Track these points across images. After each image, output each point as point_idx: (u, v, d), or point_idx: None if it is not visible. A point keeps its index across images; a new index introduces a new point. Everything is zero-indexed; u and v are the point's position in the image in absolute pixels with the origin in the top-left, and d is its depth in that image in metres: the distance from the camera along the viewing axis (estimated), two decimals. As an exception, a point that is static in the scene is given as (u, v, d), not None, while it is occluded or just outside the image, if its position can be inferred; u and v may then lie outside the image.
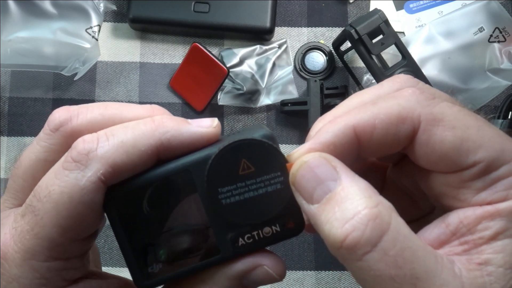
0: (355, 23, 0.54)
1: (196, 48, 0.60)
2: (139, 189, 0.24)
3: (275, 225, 0.24)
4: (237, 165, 0.23)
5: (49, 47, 0.58)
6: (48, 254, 0.23)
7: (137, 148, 0.23)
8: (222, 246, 0.24)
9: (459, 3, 0.63)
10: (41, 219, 0.22)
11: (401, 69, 0.53)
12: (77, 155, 0.23)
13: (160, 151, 0.24)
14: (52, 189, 0.23)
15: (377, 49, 0.54)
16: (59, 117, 0.25)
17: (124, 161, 0.23)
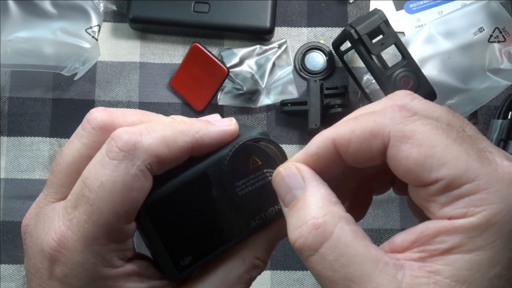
0: (355, 23, 0.54)
1: (196, 48, 0.60)
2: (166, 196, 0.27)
3: (277, 204, 0.29)
4: (248, 161, 0.28)
5: (49, 47, 0.58)
6: (107, 238, 0.25)
7: (176, 143, 0.26)
8: (238, 230, 0.29)
9: (459, 3, 0.63)
10: (97, 208, 0.25)
11: (401, 69, 0.53)
12: (123, 145, 0.25)
13: (194, 147, 0.27)
14: (104, 179, 0.25)
15: (377, 49, 0.54)
16: (100, 116, 0.27)
17: (166, 153, 0.26)
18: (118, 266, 0.26)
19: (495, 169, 0.22)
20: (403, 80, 0.53)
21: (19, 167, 0.61)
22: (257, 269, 0.29)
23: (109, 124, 0.27)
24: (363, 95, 0.60)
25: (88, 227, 0.25)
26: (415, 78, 0.53)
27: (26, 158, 0.61)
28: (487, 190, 0.22)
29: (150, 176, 0.26)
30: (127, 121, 0.27)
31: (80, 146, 0.27)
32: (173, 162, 0.26)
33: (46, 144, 0.61)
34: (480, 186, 0.22)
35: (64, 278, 0.25)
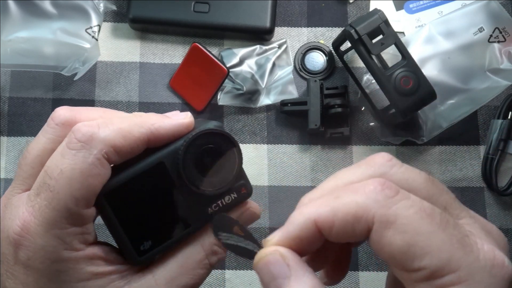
0: (355, 23, 0.54)
1: (196, 48, 0.60)
2: (124, 184, 0.29)
3: (233, 193, 0.31)
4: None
5: (49, 47, 0.58)
6: (67, 222, 0.27)
7: (132, 134, 0.28)
8: (196, 217, 0.31)
9: (459, 3, 0.63)
10: (57, 193, 0.26)
11: (401, 69, 0.53)
12: (82, 137, 0.27)
13: (150, 138, 0.29)
14: (64, 167, 0.27)
15: (377, 49, 0.54)
16: (63, 113, 0.29)
17: (122, 143, 0.28)
18: (79, 249, 0.28)
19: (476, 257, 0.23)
20: (403, 80, 0.53)
21: (19, 167, 0.61)
22: (216, 255, 0.31)
23: (71, 120, 0.29)
24: (363, 95, 0.60)
25: (48, 212, 0.26)
26: (415, 78, 0.53)
27: (26, 158, 0.61)
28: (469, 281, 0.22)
29: (108, 165, 0.28)
30: (88, 117, 0.29)
31: (45, 141, 0.29)
32: (130, 152, 0.28)
33: (46, 144, 0.61)
34: (461, 278, 0.22)
35: (28, 261, 0.27)
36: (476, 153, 0.62)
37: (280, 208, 0.60)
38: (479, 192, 0.61)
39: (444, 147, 0.62)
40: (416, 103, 0.54)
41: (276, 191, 0.61)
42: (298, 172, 0.61)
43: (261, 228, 0.60)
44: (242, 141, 0.62)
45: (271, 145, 0.62)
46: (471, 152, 0.62)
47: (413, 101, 0.53)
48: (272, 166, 0.61)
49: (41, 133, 0.30)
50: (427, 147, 0.62)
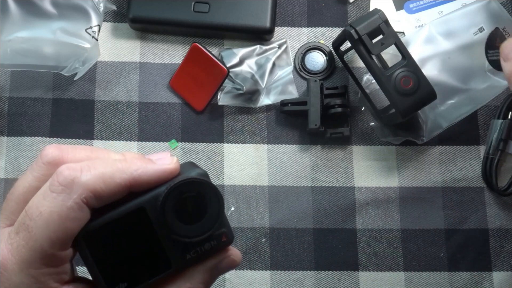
0: (355, 23, 0.54)
1: (196, 48, 0.60)
2: (104, 226, 0.30)
3: (213, 240, 0.32)
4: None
5: (49, 47, 0.58)
6: (42, 262, 0.28)
7: (113, 180, 0.29)
8: (174, 262, 0.31)
9: (459, 3, 0.63)
10: (34, 235, 0.27)
11: (401, 69, 0.53)
12: (63, 180, 0.28)
13: (132, 184, 0.29)
14: (43, 209, 0.28)
15: (377, 49, 0.54)
16: (51, 153, 0.30)
17: (102, 189, 0.28)
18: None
19: None
20: (403, 80, 0.53)
21: (19, 167, 0.61)
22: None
23: (58, 159, 0.30)
24: (363, 95, 0.60)
25: (25, 252, 0.28)
26: (415, 78, 0.53)
27: (26, 158, 0.61)
28: None
29: (87, 209, 0.28)
30: (75, 157, 0.30)
31: (31, 179, 0.30)
32: (111, 197, 0.29)
33: (46, 144, 0.61)
34: None
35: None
36: (476, 153, 0.62)
37: (280, 208, 0.60)
38: (479, 192, 0.61)
39: (444, 147, 0.62)
40: (416, 103, 0.54)
41: (276, 191, 0.61)
42: (298, 172, 0.61)
43: (261, 228, 0.60)
44: (242, 141, 0.62)
45: (271, 145, 0.62)
46: (471, 152, 0.62)
47: (413, 101, 0.53)
48: (272, 166, 0.61)
49: (28, 170, 0.31)
50: (427, 147, 0.62)
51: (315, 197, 0.61)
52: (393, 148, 0.62)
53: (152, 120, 0.62)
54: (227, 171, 0.61)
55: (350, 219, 0.60)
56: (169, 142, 0.62)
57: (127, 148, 0.62)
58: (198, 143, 0.62)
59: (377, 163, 0.61)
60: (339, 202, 0.61)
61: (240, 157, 0.61)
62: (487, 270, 0.59)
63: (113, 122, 0.62)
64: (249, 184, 0.61)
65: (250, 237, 0.60)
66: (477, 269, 0.59)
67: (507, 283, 0.59)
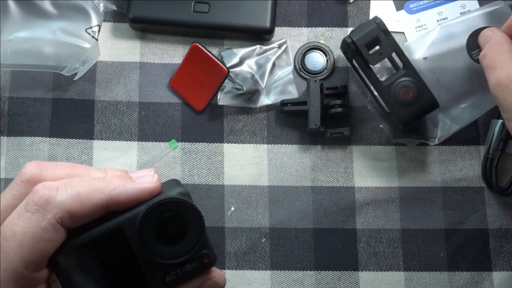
0: (353, 34, 0.53)
1: (196, 48, 0.60)
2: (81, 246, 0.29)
3: (194, 262, 0.30)
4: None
5: (49, 47, 0.58)
6: (15, 284, 0.27)
7: (90, 200, 0.28)
8: (154, 284, 0.30)
9: (459, 3, 0.63)
10: (7, 256, 0.27)
11: (401, 78, 0.53)
12: (38, 200, 0.27)
13: (109, 204, 0.29)
14: (17, 229, 0.27)
15: (374, 60, 0.53)
16: (30, 170, 0.30)
17: (78, 209, 0.28)
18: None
19: None
20: (402, 90, 0.53)
21: (19, 167, 0.61)
22: None
23: (36, 177, 0.29)
24: (372, 97, 0.60)
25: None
26: (414, 87, 0.53)
27: (26, 158, 0.61)
28: None
29: (62, 229, 0.28)
30: (54, 175, 0.30)
31: (9, 197, 0.30)
32: (87, 217, 0.28)
33: (46, 144, 0.61)
34: None
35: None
36: (476, 153, 0.62)
37: (280, 208, 0.60)
38: (479, 192, 0.61)
39: (444, 147, 0.62)
40: (416, 114, 0.53)
41: (276, 191, 0.61)
42: (298, 172, 0.61)
43: (261, 228, 0.60)
44: (242, 141, 0.62)
45: (271, 145, 0.62)
46: (471, 152, 0.62)
47: (413, 112, 0.53)
48: (272, 166, 0.61)
49: (8, 188, 0.30)
50: (427, 147, 0.62)
51: (315, 197, 0.61)
52: (393, 148, 0.62)
53: (152, 120, 0.62)
54: (227, 171, 0.61)
55: (350, 219, 0.60)
56: (169, 142, 0.62)
57: (127, 148, 0.62)
58: (198, 143, 0.62)
59: (377, 163, 0.61)
60: (339, 202, 0.61)
61: (240, 157, 0.61)
62: (487, 270, 0.59)
63: (113, 122, 0.62)
64: (249, 184, 0.61)
65: (250, 237, 0.60)
66: (477, 269, 0.59)
67: (507, 283, 0.59)
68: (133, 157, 0.61)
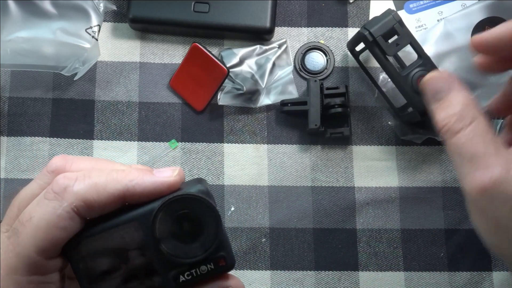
0: (369, 25, 0.54)
1: (196, 48, 0.60)
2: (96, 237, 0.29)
3: (210, 263, 0.29)
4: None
5: (49, 47, 0.58)
6: (27, 269, 0.27)
7: (106, 190, 0.28)
8: (166, 283, 0.29)
9: (459, 3, 0.63)
10: (22, 240, 0.27)
11: (418, 68, 0.53)
12: (57, 188, 0.28)
13: (126, 195, 0.29)
14: (33, 215, 0.28)
15: (392, 50, 0.54)
16: (56, 162, 0.30)
17: (94, 199, 0.28)
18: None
19: None
20: (420, 79, 0.53)
21: (19, 167, 0.61)
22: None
23: (61, 169, 0.30)
24: (380, 94, 0.60)
25: (12, 257, 0.28)
26: None
27: (26, 158, 0.61)
28: None
29: (77, 218, 0.28)
30: (78, 167, 0.30)
31: (35, 186, 0.30)
32: (103, 207, 0.29)
33: (46, 144, 0.61)
34: None
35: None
36: (476, 153, 0.62)
37: (280, 208, 0.60)
38: (479, 192, 0.61)
39: (444, 147, 0.62)
40: None
41: (276, 191, 0.61)
42: (298, 172, 0.61)
43: (261, 228, 0.60)
44: (242, 141, 0.62)
45: (271, 145, 0.62)
46: (471, 152, 0.62)
47: None
48: (272, 166, 0.61)
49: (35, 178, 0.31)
50: (427, 147, 0.62)
51: (315, 197, 0.61)
52: (393, 148, 0.62)
53: (152, 120, 0.62)
54: (227, 171, 0.61)
55: (350, 219, 0.60)
56: (169, 142, 0.62)
57: (127, 148, 0.62)
58: (198, 143, 0.62)
59: (377, 163, 0.61)
60: (339, 202, 0.61)
61: (240, 157, 0.61)
62: (487, 270, 0.59)
63: (113, 122, 0.62)
64: (249, 184, 0.61)
65: (250, 237, 0.60)
66: (477, 269, 0.59)
67: (507, 283, 0.59)
68: (133, 157, 0.61)
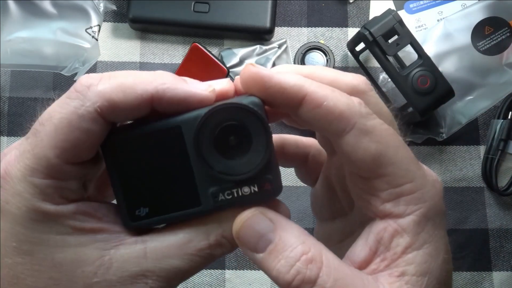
0: (369, 25, 0.53)
1: (196, 48, 0.60)
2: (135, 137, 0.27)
3: (254, 185, 0.26)
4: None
5: (49, 47, 0.58)
6: (46, 172, 0.25)
7: (134, 90, 0.25)
8: (204, 199, 0.27)
9: (459, 3, 0.63)
10: (41, 141, 0.25)
11: (418, 68, 0.53)
12: (79, 87, 0.25)
13: (155, 100, 0.26)
14: (54, 115, 0.25)
15: (392, 50, 0.54)
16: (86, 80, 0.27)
17: (120, 99, 0.25)
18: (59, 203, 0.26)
19: (424, 173, 0.26)
20: (420, 79, 0.53)
21: (19, 167, 0.61)
22: (221, 248, 0.27)
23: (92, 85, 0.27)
24: (380, 94, 0.60)
25: (30, 158, 0.25)
26: (432, 76, 0.53)
27: (26, 158, 0.61)
28: (421, 190, 0.25)
29: (101, 121, 0.25)
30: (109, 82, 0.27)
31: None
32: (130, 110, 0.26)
33: (46, 144, 0.61)
34: (416, 187, 0.25)
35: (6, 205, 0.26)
36: (476, 153, 0.62)
37: (280, 208, 0.60)
38: (479, 192, 0.61)
39: (444, 147, 0.62)
40: (434, 102, 0.54)
41: (276, 191, 0.61)
42: (298, 172, 0.61)
43: (261, 228, 0.60)
44: (242, 141, 0.62)
45: (271, 145, 0.62)
46: (471, 152, 0.62)
47: (431, 100, 0.53)
48: (272, 166, 0.61)
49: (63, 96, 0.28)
50: (427, 147, 0.62)
51: (315, 197, 0.61)
52: (393, 148, 0.62)
53: (152, 120, 0.62)
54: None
55: (350, 219, 0.60)
56: (169, 142, 0.62)
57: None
58: (198, 143, 0.62)
59: (377, 163, 0.61)
60: (339, 202, 0.61)
61: (240, 157, 0.61)
62: (487, 270, 0.59)
63: (113, 122, 0.62)
64: (249, 184, 0.61)
65: (250, 237, 0.60)
66: (477, 269, 0.59)
67: (507, 283, 0.59)
68: (133, 157, 0.61)
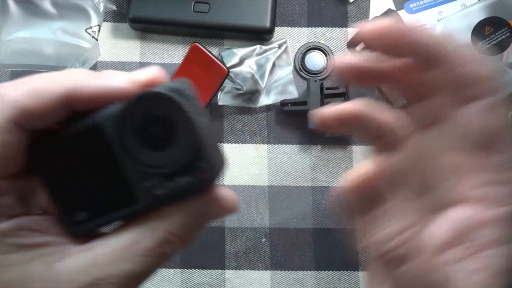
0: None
1: (196, 48, 0.60)
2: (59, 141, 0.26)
3: (188, 175, 0.25)
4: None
5: (49, 47, 0.58)
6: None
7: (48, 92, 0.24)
8: (141, 196, 0.26)
9: (459, 3, 0.63)
10: None
11: None
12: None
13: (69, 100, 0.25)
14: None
15: None
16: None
17: (33, 106, 0.24)
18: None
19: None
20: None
21: (19, 167, 0.61)
22: (171, 245, 0.26)
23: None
24: (380, 93, 0.60)
25: None
26: None
27: (26, 158, 0.61)
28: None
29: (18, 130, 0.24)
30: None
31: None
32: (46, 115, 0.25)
33: (46, 144, 0.61)
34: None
35: None
36: (476, 153, 0.62)
37: (280, 208, 0.60)
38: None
39: (444, 147, 0.62)
40: None
41: (276, 191, 0.61)
42: (298, 172, 0.61)
43: (261, 228, 0.60)
44: (242, 141, 0.62)
45: (271, 145, 0.62)
46: (471, 152, 0.62)
47: None
48: (272, 166, 0.61)
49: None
50: (427, 147, 0.62)
51: (315, 197, 0.61)
52: (393, 148, 0.62)
53: (152, 120, 0.62)
54: (227, 171, 0.61)
55: (350, 219, 0.60)
56: (169, 142, 0.62)
57: (127, 148, 0.62)
58: (198, 143, 0.62)
59: (377, 163, 0.61)
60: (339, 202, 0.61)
61: (240, 157, 0.61)
62: (487, 270, 0.59)
63: (113, 122, 0.62)
64: (249, 184, 0.61)
65: (250, 237, 0.60)
66: (477, 269, 0.59)
67: (507, 283, 0.59)
68: (133, 157, 0.61)
